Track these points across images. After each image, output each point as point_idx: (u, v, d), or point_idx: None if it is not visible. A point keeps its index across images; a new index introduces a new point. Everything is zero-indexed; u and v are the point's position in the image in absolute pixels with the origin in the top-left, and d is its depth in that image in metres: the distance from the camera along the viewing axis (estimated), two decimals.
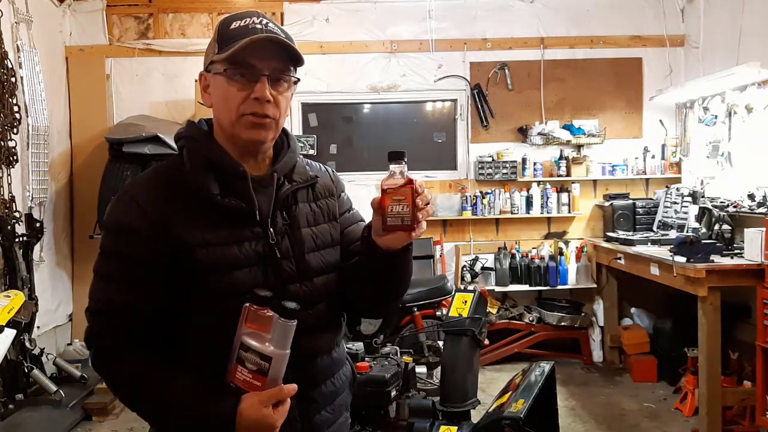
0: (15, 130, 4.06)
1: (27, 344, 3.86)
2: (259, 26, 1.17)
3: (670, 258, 3.61)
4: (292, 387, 1.13)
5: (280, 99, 1.20)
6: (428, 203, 1.14)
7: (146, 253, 1.15)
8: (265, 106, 1.17)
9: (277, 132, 1.24)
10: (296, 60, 1.20)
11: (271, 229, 1.22)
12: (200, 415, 1.11)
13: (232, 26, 1.19)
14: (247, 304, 1.10)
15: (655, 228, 4.81)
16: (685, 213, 4.43)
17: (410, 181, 1.11)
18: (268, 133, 1.21)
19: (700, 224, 4.08)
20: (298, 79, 1.24)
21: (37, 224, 4.23)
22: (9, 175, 4.05)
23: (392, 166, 1.13)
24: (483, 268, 5.16)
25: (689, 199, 4.44)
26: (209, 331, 1.17)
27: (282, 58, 1.19)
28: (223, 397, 1.11)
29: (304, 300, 1.19)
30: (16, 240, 3.93)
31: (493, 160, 5.24)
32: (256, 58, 1.16)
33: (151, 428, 1.27)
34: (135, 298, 1.15)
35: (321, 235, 1.30)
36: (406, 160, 1.14)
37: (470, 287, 4.09)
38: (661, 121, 5.32)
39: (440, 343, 3.89)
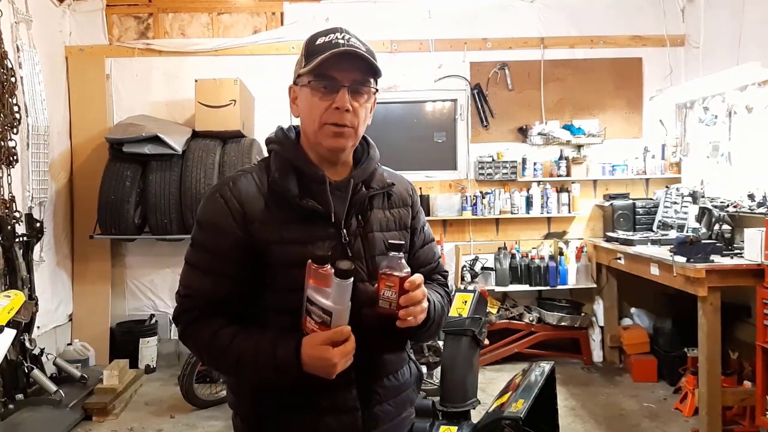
0: (15, 130, 4.06)
1: (27, 344, 3.87)
2: (341, 41, 1.27)
3: (670, 258, 3.61)
4: (347, 329, 1.19)
5: (360, 109, 1.29)
6: (419, 301, 1.22)
7: (229, 248, 1.26)
8: (344, 115, 1.27)
9: (356, 140, 1.34)
10: (375, 72, 1.30)
11: (344, 230, 1.31)
12: (270, 355, 1.20)
13: (317, 42, 1.29)
14: (309, 261, 1.17)
15: (655, 228, 4.81)
16: (685, 213, 4.43)
17: (403, 274, 1.21)
18: (347, 141, 1.31)
19: (700, 224, 4.08)
20: (377, 90, 1.33)
21: (37, 224, 4.22)
22: (9, 175, 4.05)
23: (392, 254, 1.24)
24: (483, 268, 5.17)
25: (689, 199, 4.45)
26: (282, 324, 1.25)
27: (361, 70, 1.28)
28: (287, 337, 1.21)
29: (372, 300, 1.27)
30: (16, 240, 3.93)
31: (493, 160, 5.25)
32: (336, 70, 1.26)
33: (228, 391, 1.39)
34: (216, 287, 1.27)
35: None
36: (404, 251, 1.27)
37: (470, 287, 4.08)
38: (661, 121, 5.32)
39: (440, 343, 3.89)
